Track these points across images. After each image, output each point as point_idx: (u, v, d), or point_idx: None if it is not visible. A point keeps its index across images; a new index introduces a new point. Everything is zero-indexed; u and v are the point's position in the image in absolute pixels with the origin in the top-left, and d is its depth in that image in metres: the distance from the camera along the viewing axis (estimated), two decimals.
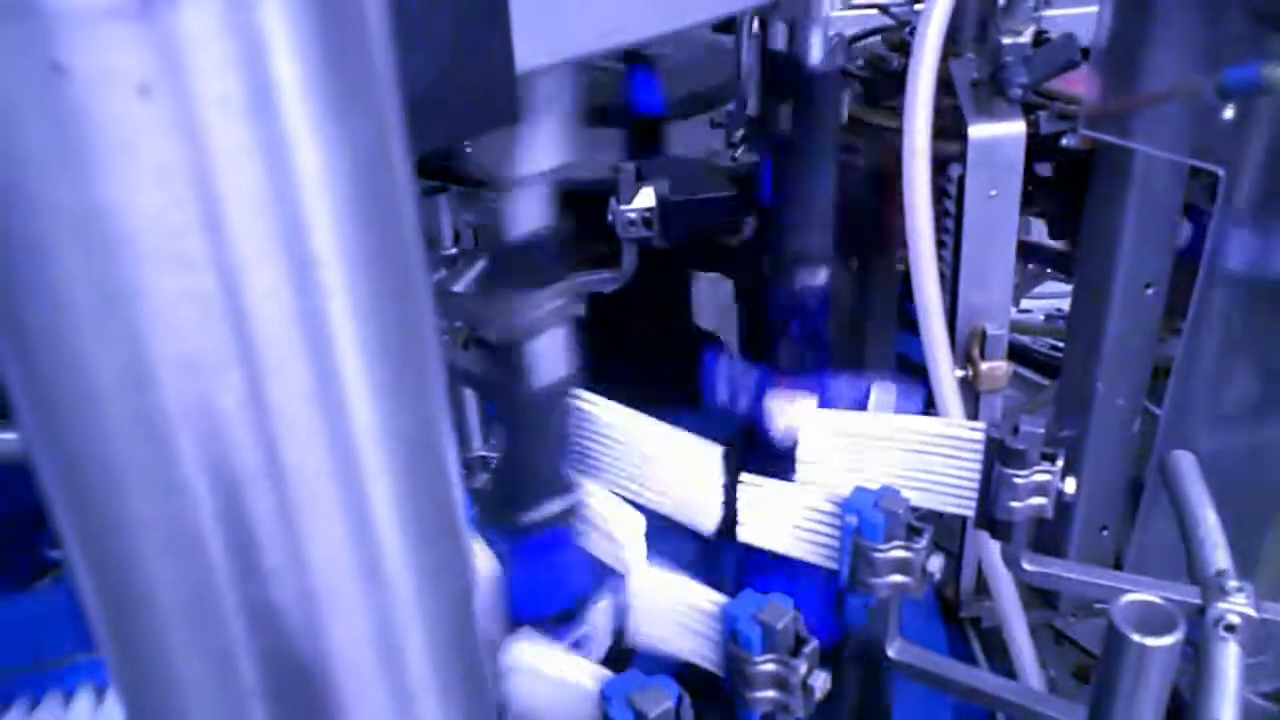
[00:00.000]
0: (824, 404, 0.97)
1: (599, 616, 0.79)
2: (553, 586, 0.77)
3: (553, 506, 0.75)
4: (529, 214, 0.67)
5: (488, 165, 0.64)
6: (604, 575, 0.78)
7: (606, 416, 0.80)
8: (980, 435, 0.76)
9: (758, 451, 0.96)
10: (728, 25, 1.39)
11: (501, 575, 0.75)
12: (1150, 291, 1.13)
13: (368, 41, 0.28)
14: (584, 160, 0.67)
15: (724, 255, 1.25)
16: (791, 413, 0.96)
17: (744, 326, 1.40)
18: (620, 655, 0.78)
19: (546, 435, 0.74)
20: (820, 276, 0.98)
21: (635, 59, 1.29)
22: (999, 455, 0.75)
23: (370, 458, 0.31)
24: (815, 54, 0.91)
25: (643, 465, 0.78)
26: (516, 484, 0.75)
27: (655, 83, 1.32)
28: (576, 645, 0.77)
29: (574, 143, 0.65)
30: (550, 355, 0.71)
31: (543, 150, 0.64)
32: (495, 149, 0.63)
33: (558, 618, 0.78)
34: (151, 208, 0.25)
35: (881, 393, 0.95)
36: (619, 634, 0.78)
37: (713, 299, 1.52)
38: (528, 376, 0.71)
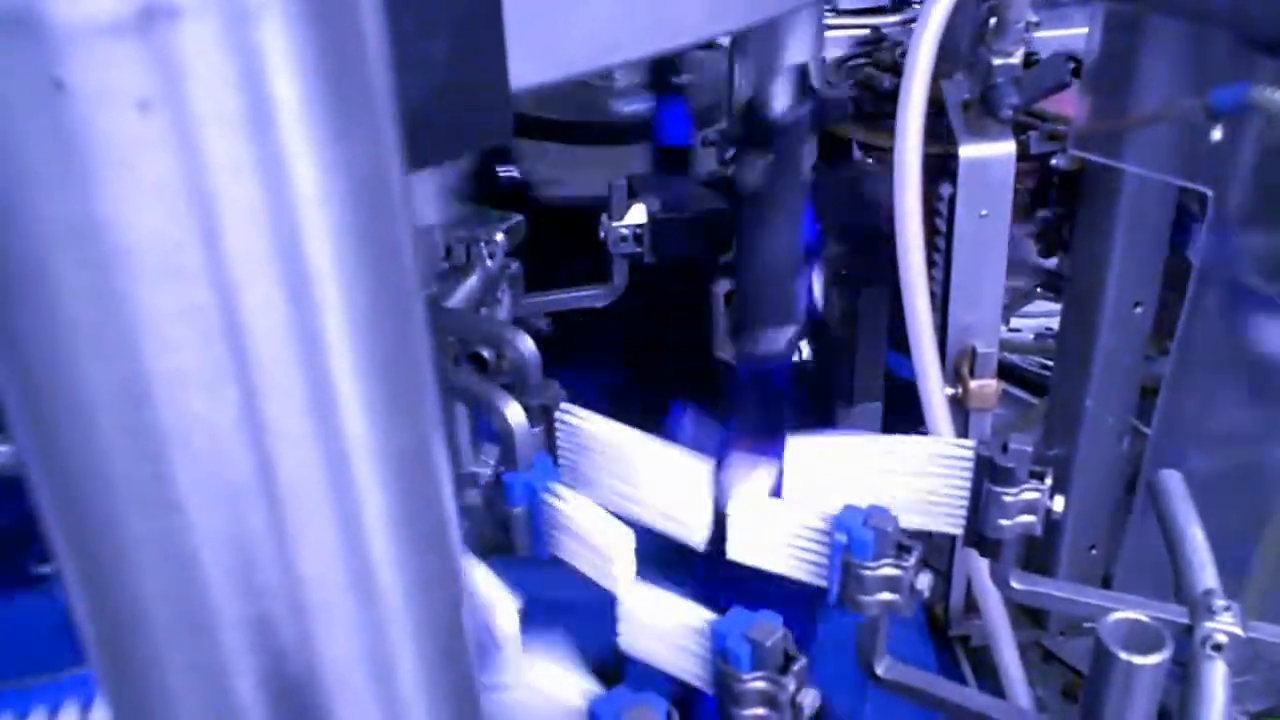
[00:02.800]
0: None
1: None
2: None
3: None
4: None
5: None
6: None
7: (592, 429, 0.80)
8: (969, 453, 0.76)
9: None
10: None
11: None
12: (1139, 310, 1.14)
13: (365, 59, 0.28)
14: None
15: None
16: (748, 483, 0.86)
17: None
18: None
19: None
20: (784, 340, 0.91)
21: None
22: (988, 473, 0.75)
23: (364, 472, 0.31)
24: (780, 103, 0.85)
25: (630, 478, 0.77)
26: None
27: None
28: None
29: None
30: None
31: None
32: None
33: None
34: (149, 223, 0.25)
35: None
36: None
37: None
38: None
